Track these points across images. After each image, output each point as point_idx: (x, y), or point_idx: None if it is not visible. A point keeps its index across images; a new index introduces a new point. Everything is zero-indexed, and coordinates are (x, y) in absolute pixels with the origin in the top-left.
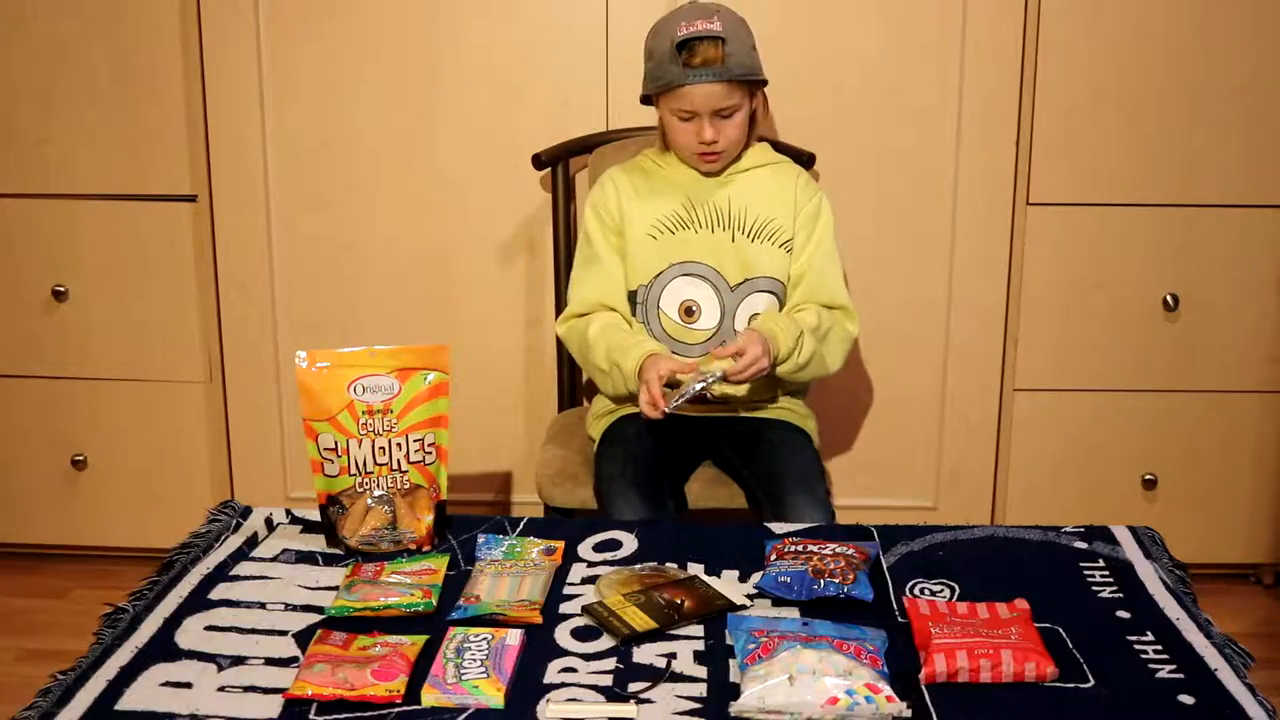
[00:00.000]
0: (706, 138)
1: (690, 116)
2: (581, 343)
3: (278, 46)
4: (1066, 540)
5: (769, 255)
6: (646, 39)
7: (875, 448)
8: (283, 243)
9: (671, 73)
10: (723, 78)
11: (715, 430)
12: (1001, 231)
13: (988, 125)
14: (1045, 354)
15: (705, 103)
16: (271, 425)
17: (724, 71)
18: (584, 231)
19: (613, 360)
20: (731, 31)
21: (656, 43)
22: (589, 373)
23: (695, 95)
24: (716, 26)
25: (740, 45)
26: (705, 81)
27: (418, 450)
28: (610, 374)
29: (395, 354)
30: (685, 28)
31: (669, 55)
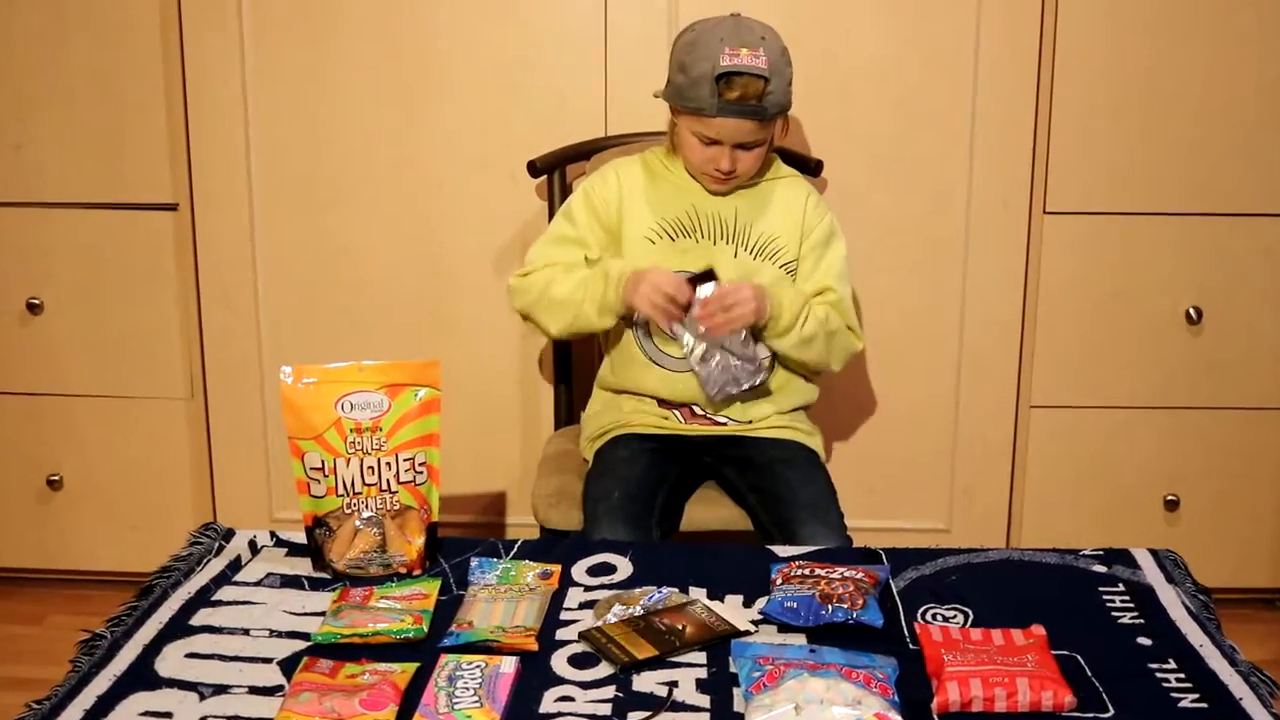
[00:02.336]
0: (724, 167)
1: (711, 143)
2: (543, 283)
3: (262, 48)
4: (1085, 564)
5: (770, 275)
6: (679, 44)
7: (884, 467)
8: (267, 253)
9: (705, 100)
10: (756, 117)
11: (715, 451)
12: (1017, 241)
13: (1003, 130)
14: (1063, 369)
15: (732, 137)
16: (255, 444)
17: (760, 111)
18: (568, 210)
19: (587, 284)
20: (775, 68)
21: (692, 58)
22: (541, 311)
23: (723, 129)
24: (762, 64)
25: (781, 83)
26: (737, 118)
27: (408, 470)
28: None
29: (385, 369)
30: (729, 57)
31: (705, 80)
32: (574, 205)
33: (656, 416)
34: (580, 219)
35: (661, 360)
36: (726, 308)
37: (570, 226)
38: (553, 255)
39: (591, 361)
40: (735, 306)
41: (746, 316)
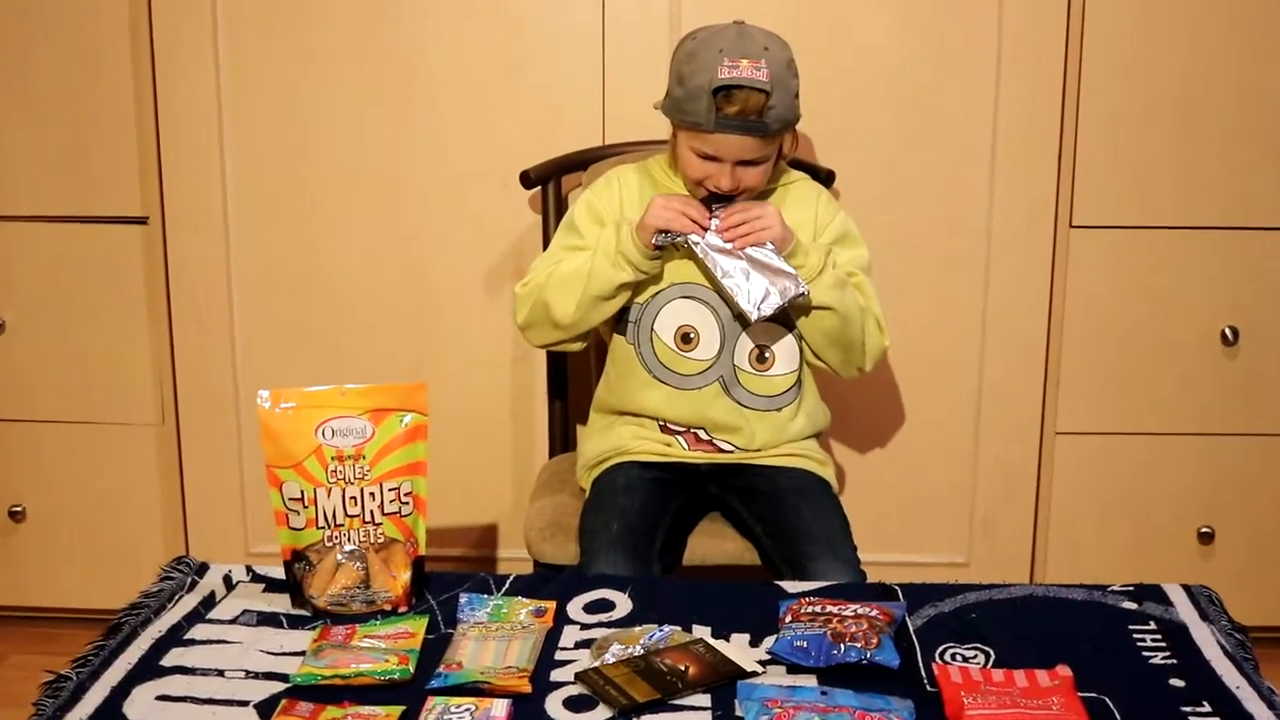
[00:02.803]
0: (723, 188)
1: (710, 158)
2: (548, 271)
3: (237, 53)
4: (1114, 600)
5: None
6: (678, 54)
7: (900, 497)
8: (243, 269)
9: (701, 115)
10: (757, 133)
11: (721, 480)
12: (1041, 257)
13: (1026, 138)
14: (1090, 393)
15: (732, 154)
16: (230, 472)
17: (761, 127)
18: (570, 222)
19: (595, 250)
20: (778, 81)
21: (690, 70)
22: (550, 293)
23: (723, 145)
24: (763, 77)
25: (784, 96)
26: (737, 134)
27: (393, 500)
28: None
29: (368, 393)
30: (728, 69)
31: (702, 93)
32: (576, 216)
33: (658, 443)
34: (584, 228)
35: (665, 377)
36: (750, 218)
37: (575, 236)
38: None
39: (588, 383)
40: (760, 217)
41: (773, 227)
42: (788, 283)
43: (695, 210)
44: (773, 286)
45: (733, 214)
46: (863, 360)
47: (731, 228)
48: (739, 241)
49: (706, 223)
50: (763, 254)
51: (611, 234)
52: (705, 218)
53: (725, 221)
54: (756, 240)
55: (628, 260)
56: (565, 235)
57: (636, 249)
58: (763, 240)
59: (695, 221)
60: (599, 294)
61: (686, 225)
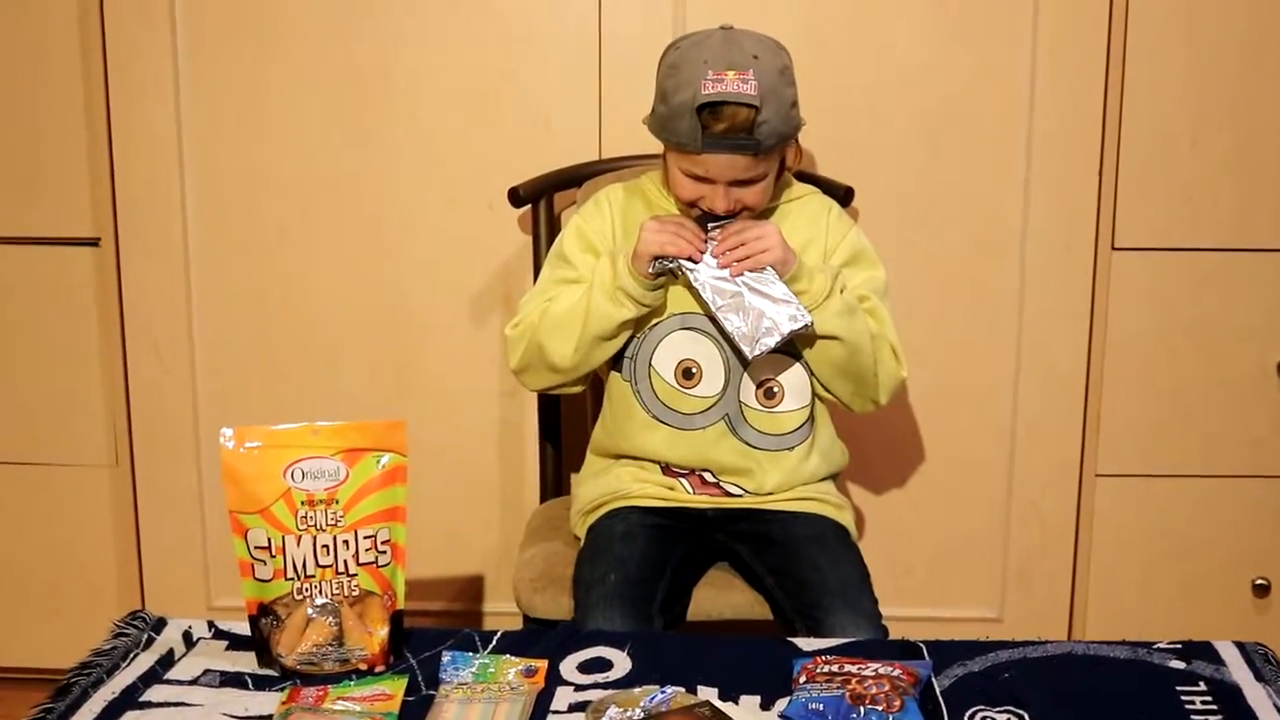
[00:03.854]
0: (718, 209)
1: (703, 179)
2: (542, 311)
3: (198, 60)
4: (1160, 659)
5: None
6: (661, 67)
7: (925, 545)
8: (204, 296)
9: (686, 133)
10: (749, 151)
11: (728, 527)
12: (1081, 282)
13: (1064, 152)
14: (1134, 432)
15: (724, 174)
16: (191, 518)
17: (752, 144)
18: (560, 251)
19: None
20: (769, 92)
21: (673, 84)
22: (547, 336)
23: (712, 165)
24: (750, 90)
25: (777, 108)
26: (727, 154)
27: (369, 549)
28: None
29: (342, 432)
30: (712, 83)
31: (685, 111)
32: (565, 245)
33: (660, 486)
34: (576, 257)
35: (665, 416)
36: (747, 240)
37: (566, 267)
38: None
39: (584, 422)
40: (760, 239)
41: (773, 249)
42: (788, 313)
43: (690, 231)
44: (772, 319)
45: (729, 235)
46: (876, 393)
47: (728, 251)
48: (736, 266)
49: (703, 244)
50: (762, 280)
51: (607, 266)
52: (701, 239)
53: (721, 244)
54: (755, 264)
55: (627, 294)
56: (555, 266)
57: (635, 281)
58: (762, 264)
59: (692, 243)
60: (598, 334)
61: (683, 248)
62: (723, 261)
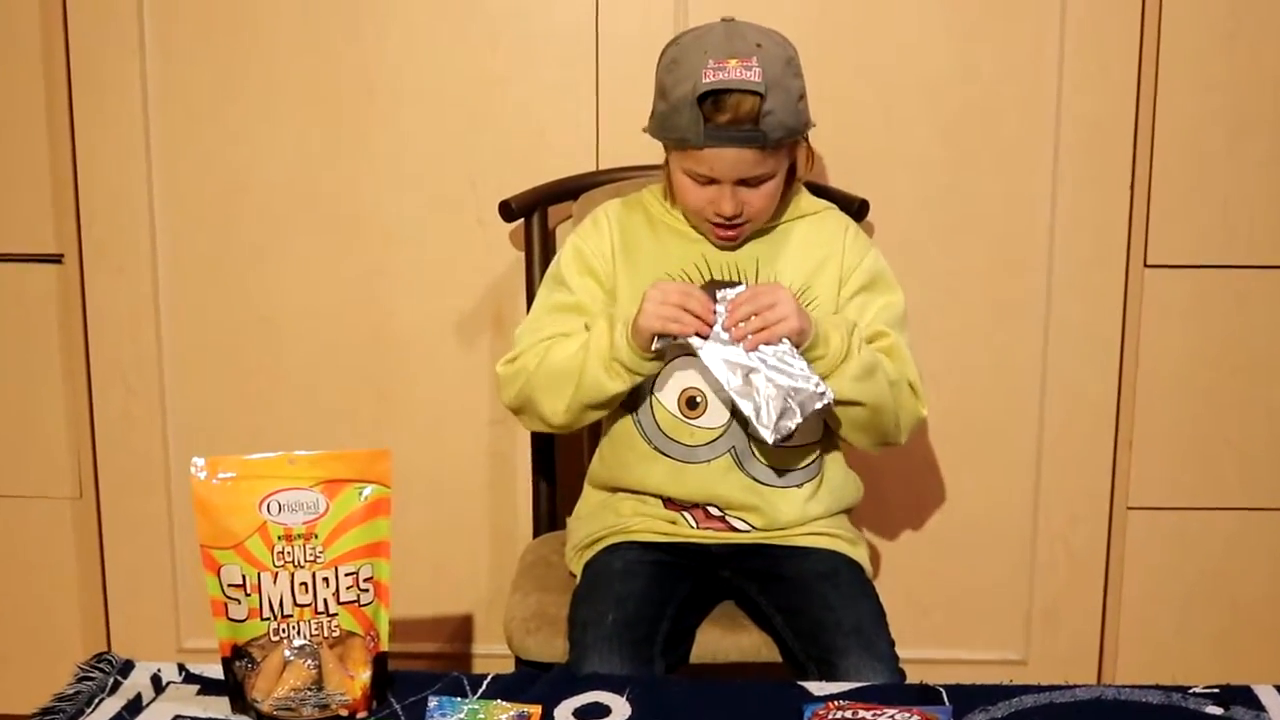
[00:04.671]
0: (725, 212)
1: (707, 181)
2: (539, 356)
3: (168, 61)
4: (1196, 704)
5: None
6: (660, 64)
7: (944, 583)
8: (175, 316)
9: (687, 128)
10: (755, 144)
11: (735, 563)
12: (1111, 302)
13: (1094, 163)
14: (1168, 461)
15: (729, 171)
16: (160, 554)
17: (757, 136)
18: (556, 274)
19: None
20: (774, 81)
21: (672, 78)
22: (538, 389)
23: (717, 162)
24: (754, 76)
25: (784, 99)
26: (732, 147)
27: (351, 587)
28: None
29: (321, 461)
30: (713, 71)
31: (686, 104)
32: (562, 266)
33: (661, 519)
34: (574, 280)
35: (668, 448)
36: (760, 309)
37: (564, 291)
38: (547, 329)
39: (580, 453)
40: (774, 307)
41: (789, 318)
42: (808, 391)
43: (697, 302)
44: (791, 399)
45: (740, 304)
46: (897, 437)
47: (740, 322)
48: (750, 340)
49: (710, 315)
50: (778, 355)
51: (604, 333)
52: (709, 309)
53: (733, 315)
54: (771, 336)
55: (623, 366)
56: (552, 290)
57: (632, 353)
58: (778, 335)
59: (698, 317)
60: (589, 402)
61: (688, 326)
62: (735, 334)
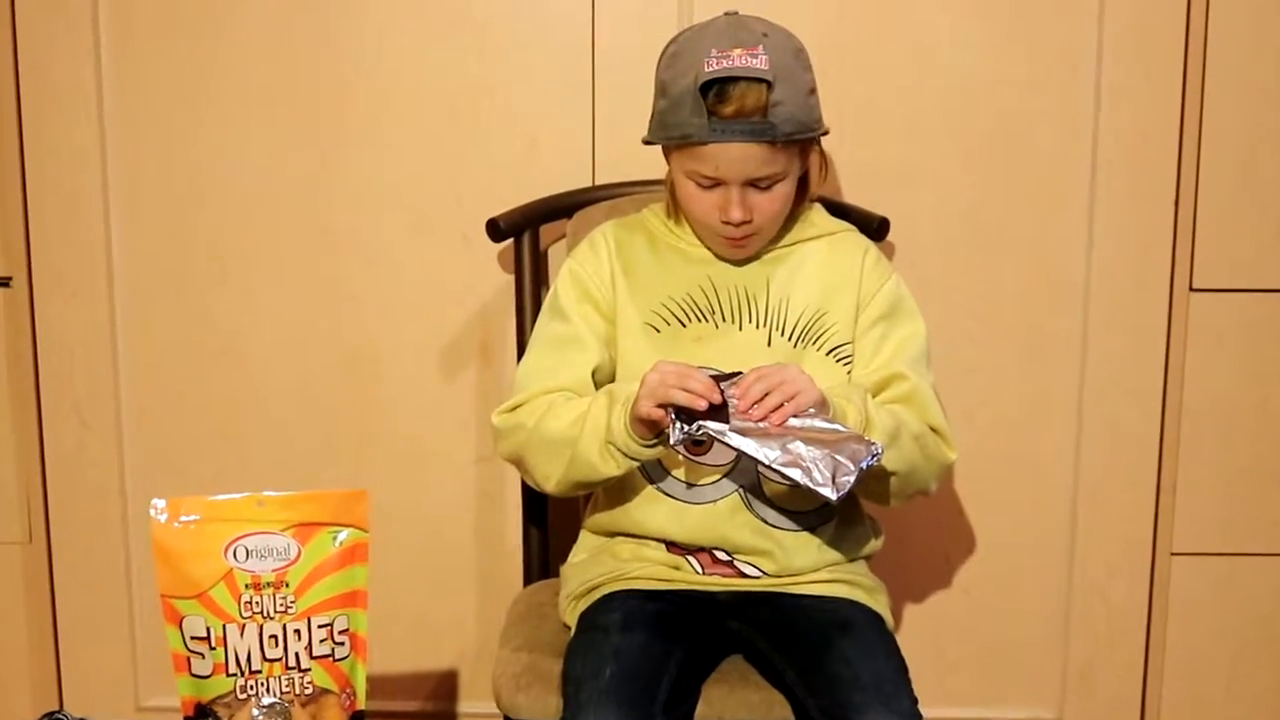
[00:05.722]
0: (734, 217)
1: (713, 184)
2: (538, 414)
3: (125, 64)
4: None
5: (819, 369)
6: (660, 63)
7: (973, 636)
8: (133, 344)
9: (689, 123)
10: (764, 138)
11: (744, 613)
12: (1154, 329)
13: (1134, 179)
14: (1216, 502)
15: (736, 170)
16: (117, 604)
17: (766, 129)
18: (554, 303)
19: (588, 413)
20: (782, 70)
21: (672, 73)
22: (532, 452)
23: (723, 159)
24: (761, 64)
25: (793, 90)
26: (738, 141)
27: (325, 640)
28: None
29: (293, 503)
30: (716, 60)
31: (688, 96)
32: (560, 294)
33: (663, 565)
34: (571, 309)
35: (671, 488)
36: (773, 387)
37: (562, 322)
38: (550, 372)
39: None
40: (785, 383)
41: (807, 388)
42: (852, 447)
43: (697, 382)
44: (839, 454)
45: (749, 386)
46: (927, 488)
47: (756, 403)
48: (775, 417)
49: (714, 394)
50: (806, 422)
51: (602, 411)
52: (712, 389)
53: (745, 398)
54: (796, 409)
55: (619, 450)
56: (549, 321)
57: (629, 438)
58: (803, 407)
59: (702, 393)
60: (582, 480)
61: (697, 392)
62: (757, 415)
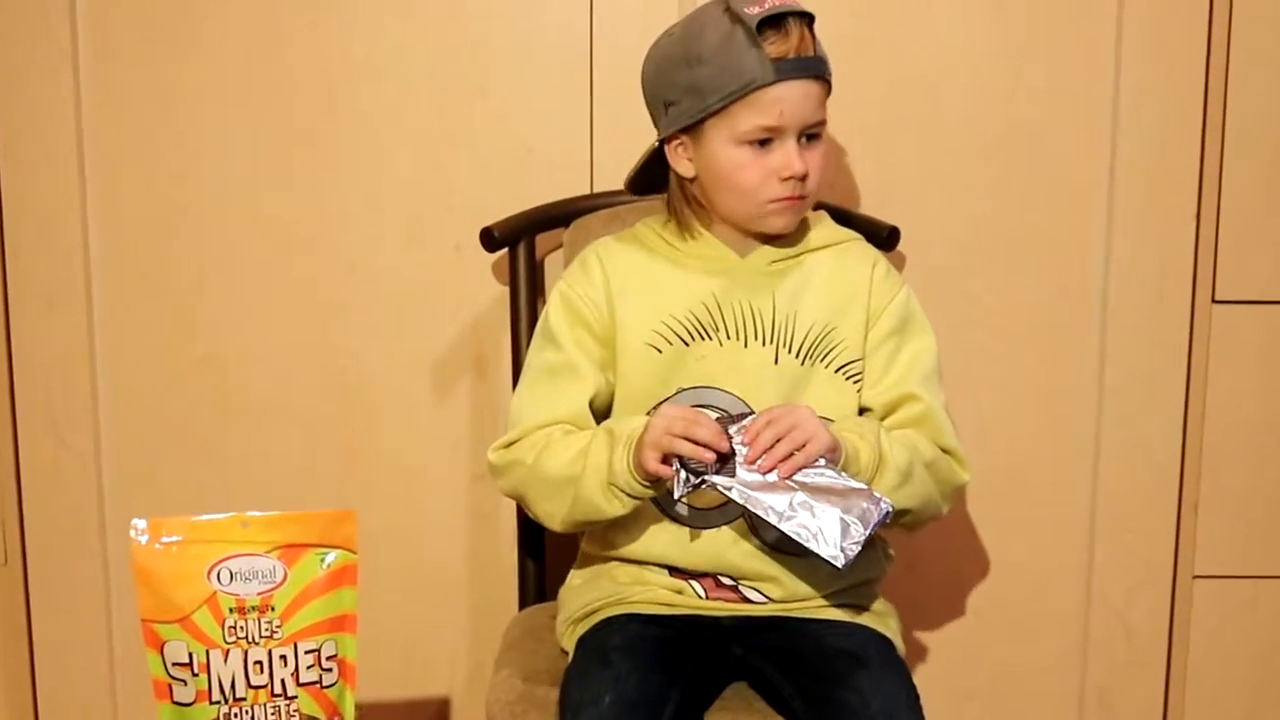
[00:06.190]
0: (797, 169)
1: (768, 139)
2: (535, 451)
3: (103, 67)
4: None
5: (828, 387)
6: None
7: (987, 662)
8: (113, 359)
9: (753, 69)
10: (823, 74)
11: (749, 640)
12: (1175, 342)
13: (1154, 189)
14: (1240, 523)
15: (798, 112)
16: (96, 628)
17: (821, 64)
18: (546, 329)
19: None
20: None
21: (693, 40)
22: (532, 491)
23: (788, 101)
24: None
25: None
26: (803, 78)
27: (312, 666)
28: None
29: (278, 524)
30: (755, 5)
31: (736, 46)
32: (551, 319)
33: (666, 589)
34: (564, 335)
35: (675, 511)
36: (783, 433)
37: (554, 350)
38: (545, 404)
39: None
40: (797, 427)
41: (818, 435)
42: (863, 505)
43: (705, 430)
44: (848, 514)
45: (758, 433)
46: (939, 514)
47: (765, 452)
48: (785, 468)
49: (722, 443)
50: (814, 476)
51: (603, 449)
52: (719, 438)
53: (754, 447)
54: (806, 460)
55: (622, 491)
56: (542, 348)
57: (633, 480)
58: (813, 457)
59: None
60: (586, 519)
61: (703, 443)
62: (764, 465)
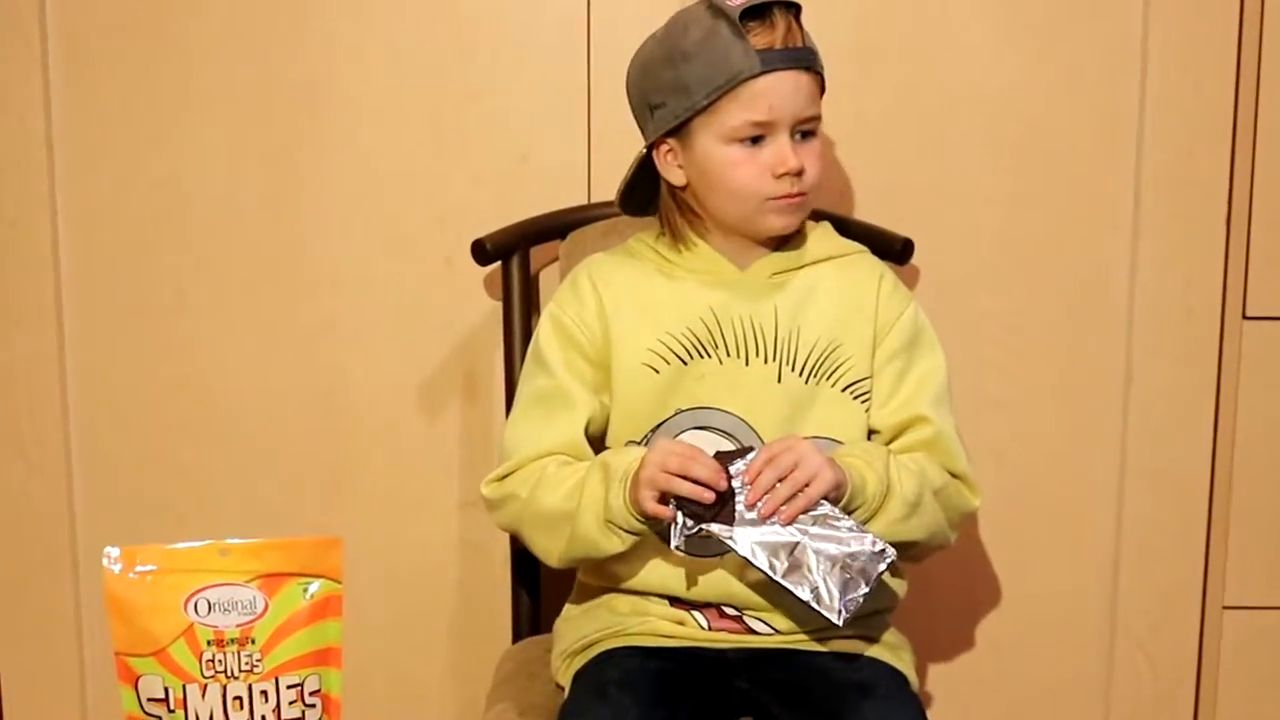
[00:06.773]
0: (791, 165)
1: (759, 136)
2: (530, 485)
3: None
4: None
5: (833, 407)
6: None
7: (1005, 697)
8: (85, 379)
9: (739, 60)
10: (813, 65)
11: (754, 672)
12: (1204, 361)
13: (1182, 200)
14: (1272, 551)
15: (788, 105)
16: (67, 661)
17: (810, 55)
18: (537, 353)
19: (584, 484)
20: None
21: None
22: (528, 527)
23: (777, 95)
24: None
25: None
26: (792, 69)
27: (294, 701)
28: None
29: (259, 551)
30: None
31: (720, 39)
32: (542, 343)
33: (667, 620)
34: (555, 360)
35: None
36: (784, 473)
37: (546, 376)
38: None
39: None
40: (799, 466)
41: (820, 475)
42: (866, 555)
43: (702, 468)
44: (850, 568)
45: (759, 473)
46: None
47: (765, 495)
48: (785, 513)
49: (720, 482)
50: (817, 519)
51: (598, 485)
52: (718, 477)
53: (756, 488)
54: (808, 503)
55: (620, 527)
56: (533, 374)
57: (630, 517)
58: (815, 499)
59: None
60: (585, 555)
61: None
62: (765, 510)
